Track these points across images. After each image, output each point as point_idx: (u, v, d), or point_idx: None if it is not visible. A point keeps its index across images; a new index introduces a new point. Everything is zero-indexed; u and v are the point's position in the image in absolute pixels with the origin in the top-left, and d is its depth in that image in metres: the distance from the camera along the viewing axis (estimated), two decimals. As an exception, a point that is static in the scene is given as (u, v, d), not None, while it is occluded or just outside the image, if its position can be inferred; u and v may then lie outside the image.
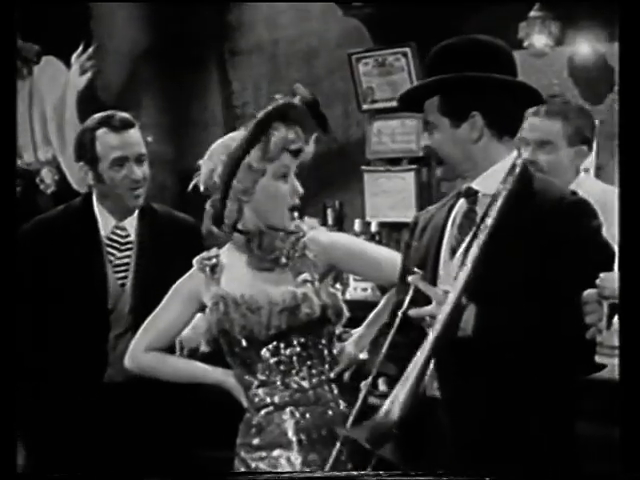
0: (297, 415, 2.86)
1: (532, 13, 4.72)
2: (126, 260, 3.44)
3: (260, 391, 2.89)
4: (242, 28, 6.05)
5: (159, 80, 6.06)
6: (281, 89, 3.04)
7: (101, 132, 3.40)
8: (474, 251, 2.32)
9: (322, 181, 5.22)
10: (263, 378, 2.88)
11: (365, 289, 4.91)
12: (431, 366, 2.38)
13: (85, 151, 3.43)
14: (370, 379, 2.48)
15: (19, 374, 2.24)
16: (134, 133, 3.44)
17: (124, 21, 6.04)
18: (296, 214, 2.92)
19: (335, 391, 2.90)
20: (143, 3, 6.03)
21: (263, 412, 2.88)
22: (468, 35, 2.56)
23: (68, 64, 5.60)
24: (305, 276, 2.86)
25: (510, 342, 2.33)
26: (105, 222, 3.43)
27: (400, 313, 2.41)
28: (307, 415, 2.86)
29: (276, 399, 2.87)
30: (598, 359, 2.14)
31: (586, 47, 4.75)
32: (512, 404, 2.38)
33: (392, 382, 2.41)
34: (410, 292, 2.40)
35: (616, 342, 2.06)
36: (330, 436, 2.78)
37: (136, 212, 3.47)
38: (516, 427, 2.39)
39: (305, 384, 2.87)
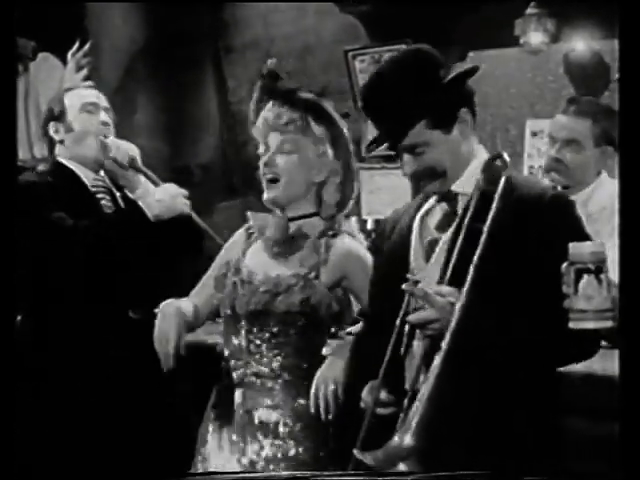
0: (246, 398, 2.89)
1: (528, 10, 4.74)
2: (112, 205, 3.46)
3: (228, 364, 2.94)
4: (237, 25, 6.05)
5: (154, 77, 6.06)
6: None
7: (69, 92, 3.55)
8: (478, 252, 2.30)
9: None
10: (232, 352, 2.92)
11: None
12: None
13: (53, 111, 3.52)
14: (367, 390, 2.47)
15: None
16: (97, 92, 3.56)
17: (120, 18, 6.03)
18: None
19: (282, 391, 2.88)
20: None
21: (223, 384, 2.96)
22: (393, 55, 2.56)
23: (64, 61, 5.57)
24: (300, 269, 2.87)
25: (502, 340, 2.33)
26: (84, 174, 3.46)
27: (398, 321, 2.39)
28: (255, 401, 2.88)
29: (234, 376, 2.91)
30: (571, 324, 2.13)
31: (582, 44, 4.76)
32: (501, 399, 2.37)
33: (395, 391, 2.41)
34: (405, 299, 2.38)
35: (583, 306, 2.08)
36: (266, 427, 2.84)
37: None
38: (504, 422, 2.38)
39: (265, 371, 2.87)
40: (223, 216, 3.33)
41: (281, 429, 2.84)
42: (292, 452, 2.82)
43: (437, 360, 2.24)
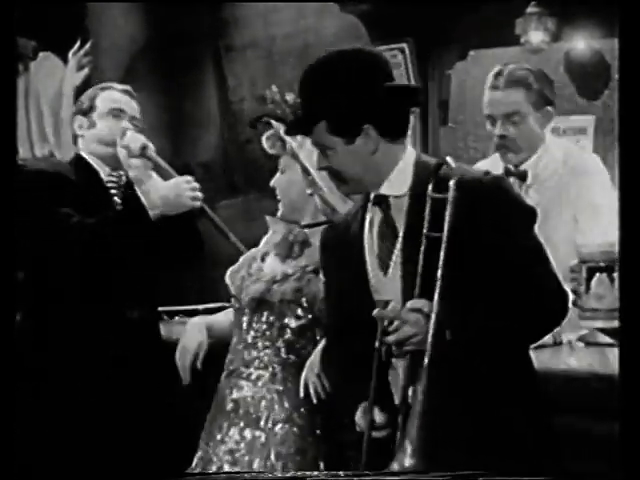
0: (233, 387, 2.96)
1: (529, 9, 4.73)
2: (121, 202, 3.46)
3: (230, 355, 3.02)
4: (238, 24, 6.04)
5: (155, 76, 6.05)
6: (277, 85, 3.07)
7: (104, 92, 3.54)
8: (442, 253, 2.31)
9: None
10: (234, 344, 3.02)
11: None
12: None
13: (83, 104, 3.54)
14: (360, 413, 2.46)
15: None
16: (134, 102, 3.55)
17: (120, 17, 6.03)
18: None
19: (268, 384, 2.94)
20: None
21: (223, 377, 3.03)
22: (333, 50, 2.51)
23: (65, 60, 5.60)
24: (299, 262, 2.96)
25: (483, 337, 2.34)
26: (101, 169, 3.47)
27: (377, 345, 2.36)
28: (244, 390, 2.95)
29: (231, 368, 2.99)
30: (582, 324, 2.13)
31: (582, 43, 4.76)
32: (493, 399, 2.37)
33: (387, 408, 2.40)
34: (379, 325, 2.35)
35: (595, 305, 2.08)
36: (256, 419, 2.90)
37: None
38: (501, 423, 2.38)
39: (254, 362, 2.95)
40: (224, 215, 3.32)
41: (262, 422, 2.90)
42: (270, 444, 2.88)
43: (422, 375, 2.25)
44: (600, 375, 2.61)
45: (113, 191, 3.46)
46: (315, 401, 2.81)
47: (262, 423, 2.90)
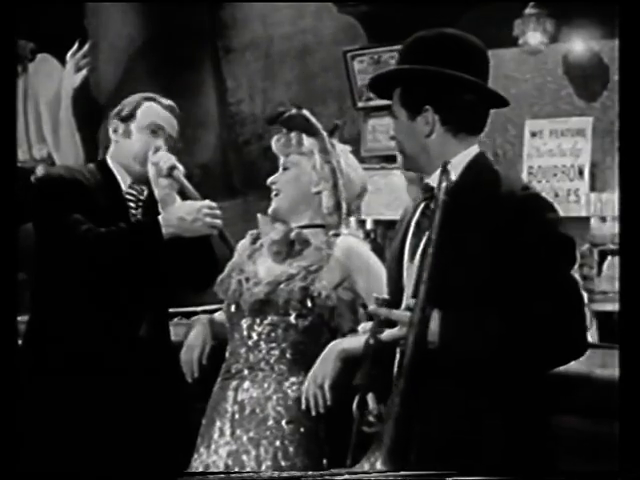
0: (238, 390, 2.96)
1: (527, 10, 4.73)
2: (139, 216, 3.42)
3: (229, 359, 3.02)
4: (236, 25, 6.05)
5: (153, 77, 6.05)
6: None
7: (148, 103, 3.47)
8: (428, 255, 2.29)
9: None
10: (233, 347, 3.02)
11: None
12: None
13: (123, 110, 3.46)
14: (356, 403, 2.46)
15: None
16: (175, 121, 3.48)
17: (119, 19, 6.03)
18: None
19: (273, 384, 2.94)
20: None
21: (220, 381, 3.02)
22: (443, 29, 2.51)
23: (63, 61, 5.59)
24: (302, 262, 2.96)
25: (480, 346, 2.30)
26: (123, 179, 3.43)
27: (371, 341, 2.37)
28: (249, 392, 2.95)
29: (232, 370, 2.99)
30: (594, 306, 2.11)
31: (581, 45, 4.76)
32: (488, 403, 2.35)
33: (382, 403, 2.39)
34: (374, 320, 2.36)
35: (607, 287, 2.06)
36: (264, 419, 2.90)
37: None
38: (495, 425, 2.37)
39: (259, 364, 2.96)
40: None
41: (270, 422, 2.90)
42: (278, 443, 2.88)
43: (400, 378, 2.24)
44: (600, 376, 2.61)
45: (131, 204, 3.44)
46: (314, 413, 2.81)
47: (269, 423, 2.90)
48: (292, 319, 2.94)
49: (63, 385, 3.30)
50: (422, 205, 2.50)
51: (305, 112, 3.09)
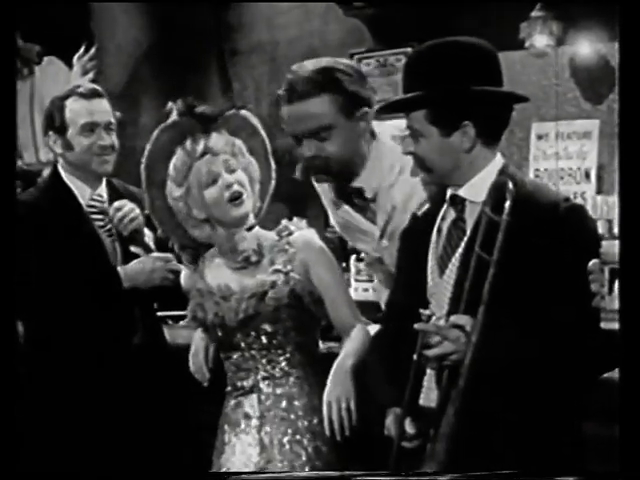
0: (260, 403, 2.96)
1: (533, 13, 4.72)
2: (109, 225, 3.43)
3: (234, 379, 3.02)
4: (243, 28, 6.04)
5: (160, 80, 6.06)
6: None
7: (70, 100, 3.47)
8: (490, 277, 2.27)
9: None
10: (236, 366, 3.01)
11: (366, 289, 4.89)
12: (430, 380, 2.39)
13: (54, 120, 3.47)
14: (391, 419, 2.47)
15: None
16: (103, 102, 3.48)
17: (125, 22, 6.04)
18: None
19: (294, 387, 2.96)
20: (144, 3, 6.03)
21: (233, 399, 3.02)
22: (445, 39, 2.47)
23: (69, 64, 5.58)
24: (276, 266, 2.94)
25: (524, 357, 2.31)
26: (81, 192, 3.43)
27: (415, 357, 2.37)
28: (272, 402, 2.95)
29: (245, 386, 2.98)
30: (603, 325, 2.11)
31: (587, 47, 4.75)
32: (526, 410, 2.36)
33: (418, 419, 2.41)
34: (420, 338, 2.35)
35: (617, 306, 2.06)
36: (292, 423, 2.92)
37: (104, 182, 3.48)
38: (529, 428, 2.37)
39: (274, 373, 2.96)
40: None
41: (300, 424, 2.92)
42: (312, 444, 2.91)
43: (454, 395, 2.26)
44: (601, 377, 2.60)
45: (94, 216, 3.44)
46: (339, 438, 2.73)
47: (300, 425, 2.92)
48: (287, 323, 2.94)
49: (63, 392, 3.31)
50: (452, 217, 2.48)
51: (245, 113, 3.06)
